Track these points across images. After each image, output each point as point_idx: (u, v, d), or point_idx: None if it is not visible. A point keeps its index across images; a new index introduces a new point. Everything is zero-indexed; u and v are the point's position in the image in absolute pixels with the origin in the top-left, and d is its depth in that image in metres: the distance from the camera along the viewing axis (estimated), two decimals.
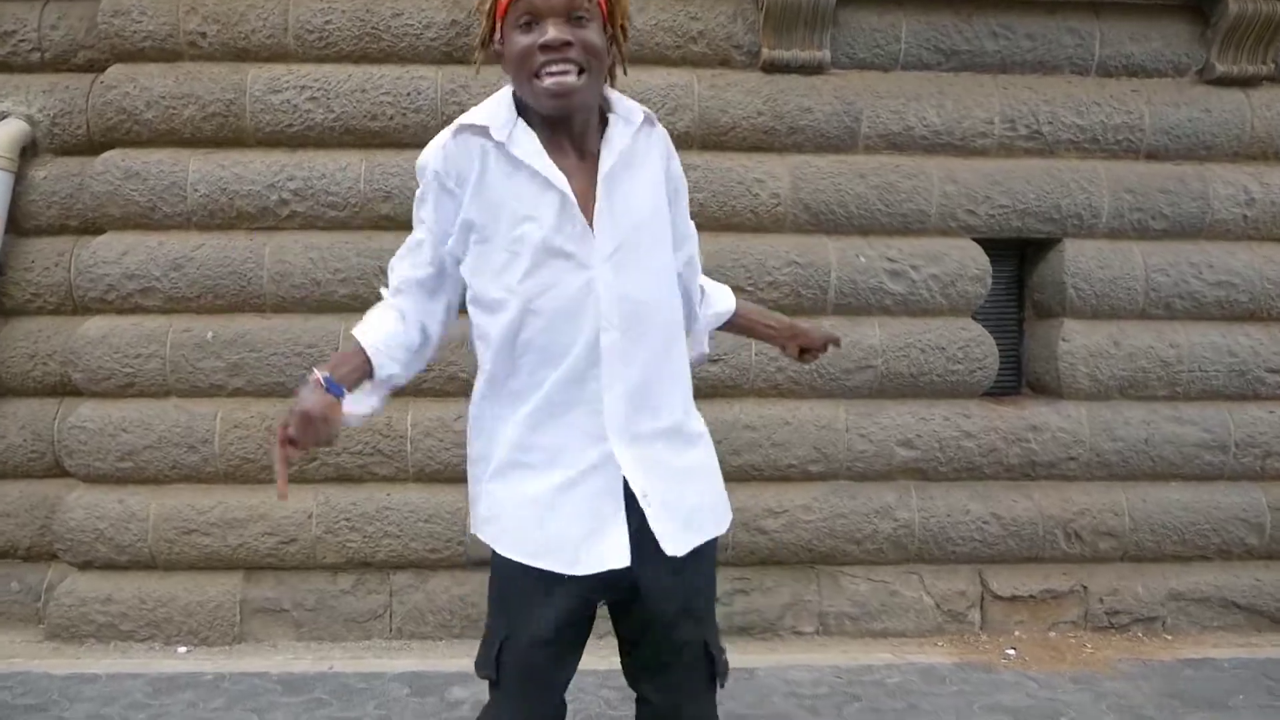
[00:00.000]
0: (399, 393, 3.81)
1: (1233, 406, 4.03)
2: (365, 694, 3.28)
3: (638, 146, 1.67)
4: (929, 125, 3.94)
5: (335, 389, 1.55)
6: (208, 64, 3.87)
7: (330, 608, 3.83)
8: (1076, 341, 3.97)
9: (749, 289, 3.84)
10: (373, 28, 3.85)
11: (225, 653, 3.72)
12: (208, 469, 3.81)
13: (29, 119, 4.03)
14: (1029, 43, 3.99)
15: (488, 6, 1.60)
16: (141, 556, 3.79)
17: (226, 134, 3.85)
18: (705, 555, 1.72)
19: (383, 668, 3.55)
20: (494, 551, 1.70)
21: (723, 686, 1.78)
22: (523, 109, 1.63)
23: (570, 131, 1.63)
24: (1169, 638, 3.95)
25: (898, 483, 3.94)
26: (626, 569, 1.59)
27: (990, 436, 3.93)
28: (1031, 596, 3.93)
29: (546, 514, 1.61)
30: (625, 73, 1.70)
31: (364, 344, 1.66)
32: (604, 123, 1.67)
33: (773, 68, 3.91)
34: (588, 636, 1.74)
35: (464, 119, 1.64)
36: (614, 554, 1.59)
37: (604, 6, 1.59)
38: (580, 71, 1.54)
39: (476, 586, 3.83)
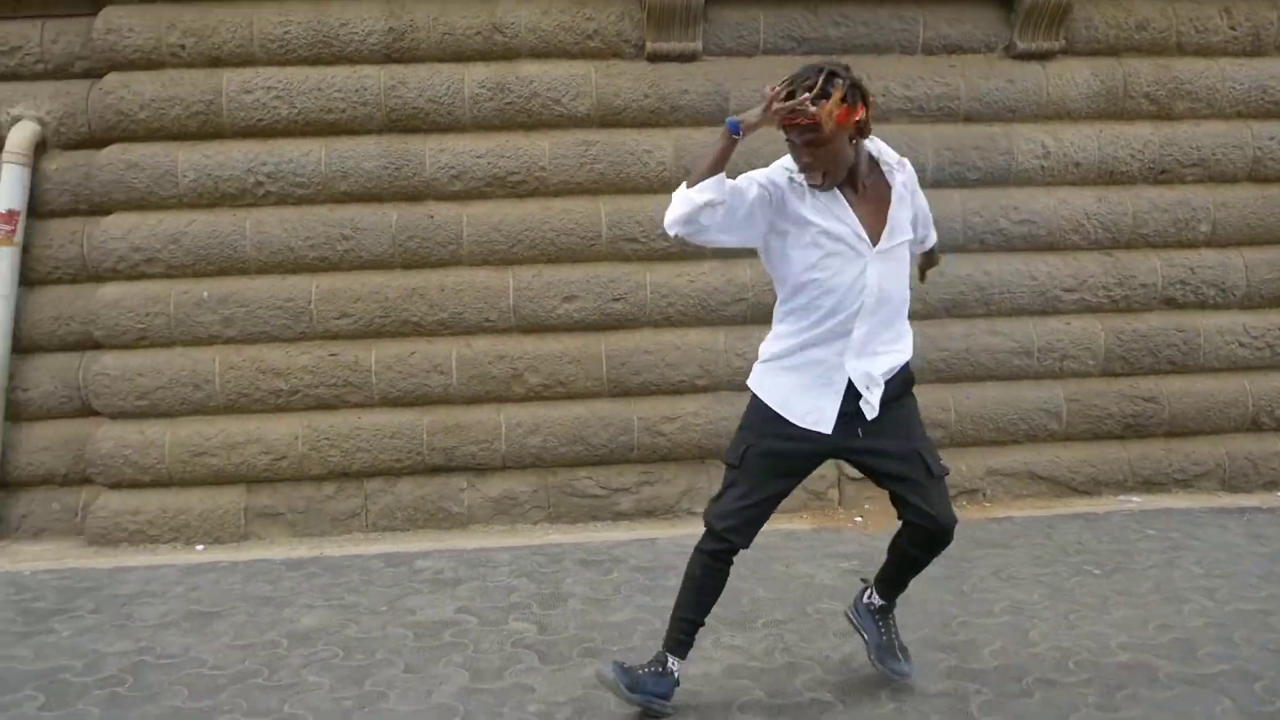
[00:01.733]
0: (362, 335, 4.69)
1: (1035, 320, 5.03)
2: (349, 567, 4.23)
3: (895, 190, 2.57)
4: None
5: (734, 128, 2.39)
6: (188, 70, 4.68)
7: (317, 510, 4.75)
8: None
9: (643, 240, 4.76)
10: (324, 36, 4.68)
11: (235, 548, 4.64)
12: (211, 403, 4.71)
13: (39, 120, 4.82)
14: (864, 29, 4.89)
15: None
16: (161, 476, 4.68)
17: (208, 129, 4.68)
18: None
19: (362, 551, 4.49)
20: (755, 398, 2.69)
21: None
22: None
23: (851, 177, 2.52)
24: (988, 504, 4.98)
25: None
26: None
27: None
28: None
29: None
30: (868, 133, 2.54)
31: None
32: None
33: (655, 57, 4.78)
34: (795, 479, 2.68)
35: (782, 165, 2.55)
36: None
37: (839, 120, 2.35)
38: (822, 174, 2.44)
39: (437, 488, 4.78)
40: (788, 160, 2.54)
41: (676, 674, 2.70)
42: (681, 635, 2.72)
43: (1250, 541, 4.31)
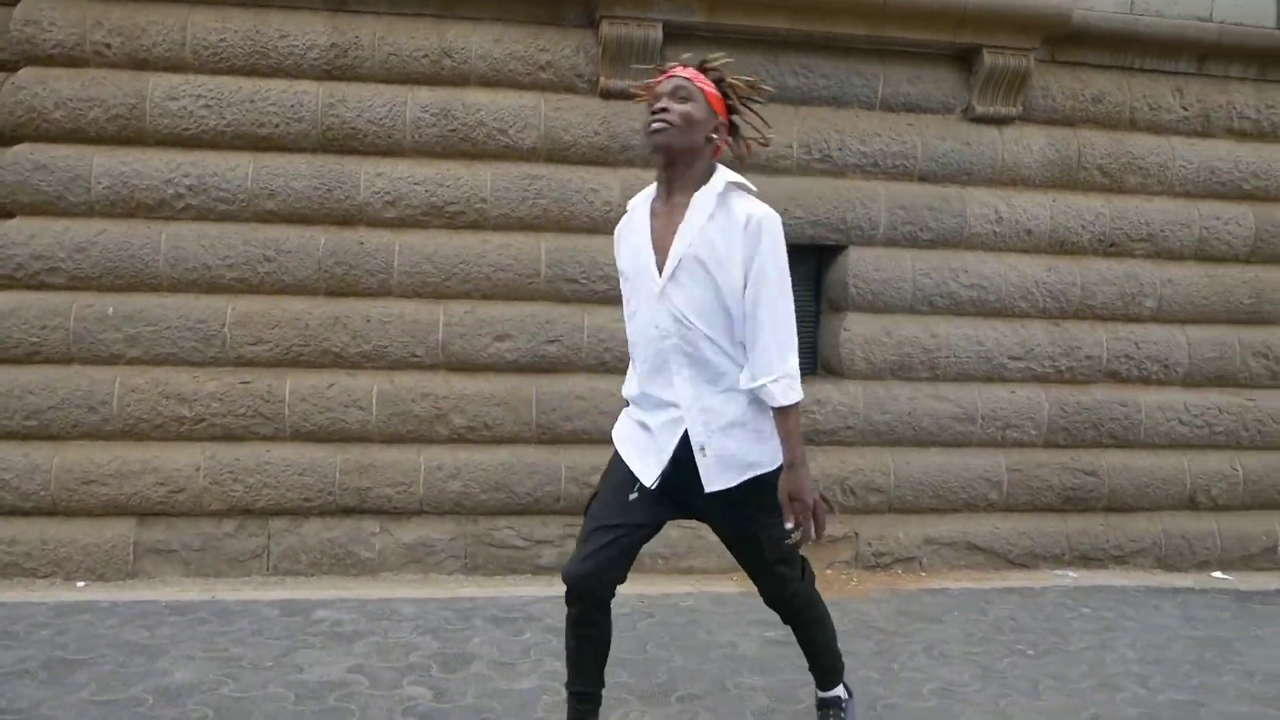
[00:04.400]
0: (278, 363, 4.40)
1: (980, 387, 4.93)
2: (241, 614, 3.90)
3: (719, 224, 2.26)
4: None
5: None
6: (112, 71, 4.39)
7: (215, 549, 4.41)
8: (855, 331, 4.81)
9: (583, 281, 4.57)
10: (261, 46, 4.43)
11: (120, 586, 4.27)
12: (106, 427, 4.35)
13: None
14: (824, 81, 4.80)
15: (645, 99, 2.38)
16: (44, 504, 4.30)
17: (128, 134, 4.39)
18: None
19: (259, 596, 4.16)
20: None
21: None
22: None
23: (670, 180, 2.32)
24: (924, 574, 4.83)
25: None
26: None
27: None
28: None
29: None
30: (749, 152, 2.46)
31: None
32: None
33: (609, 94, 4.63)
34: (644, 533, 2.42)
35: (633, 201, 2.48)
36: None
37: (710, 95, 2.31)
38: (670, 124, 2.24)
39: (347, 530, 4.48)
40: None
41: None
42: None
43: (1183, 624, 4.21)
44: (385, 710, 2.98)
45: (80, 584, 4.28)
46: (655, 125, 2.26)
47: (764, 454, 2.37)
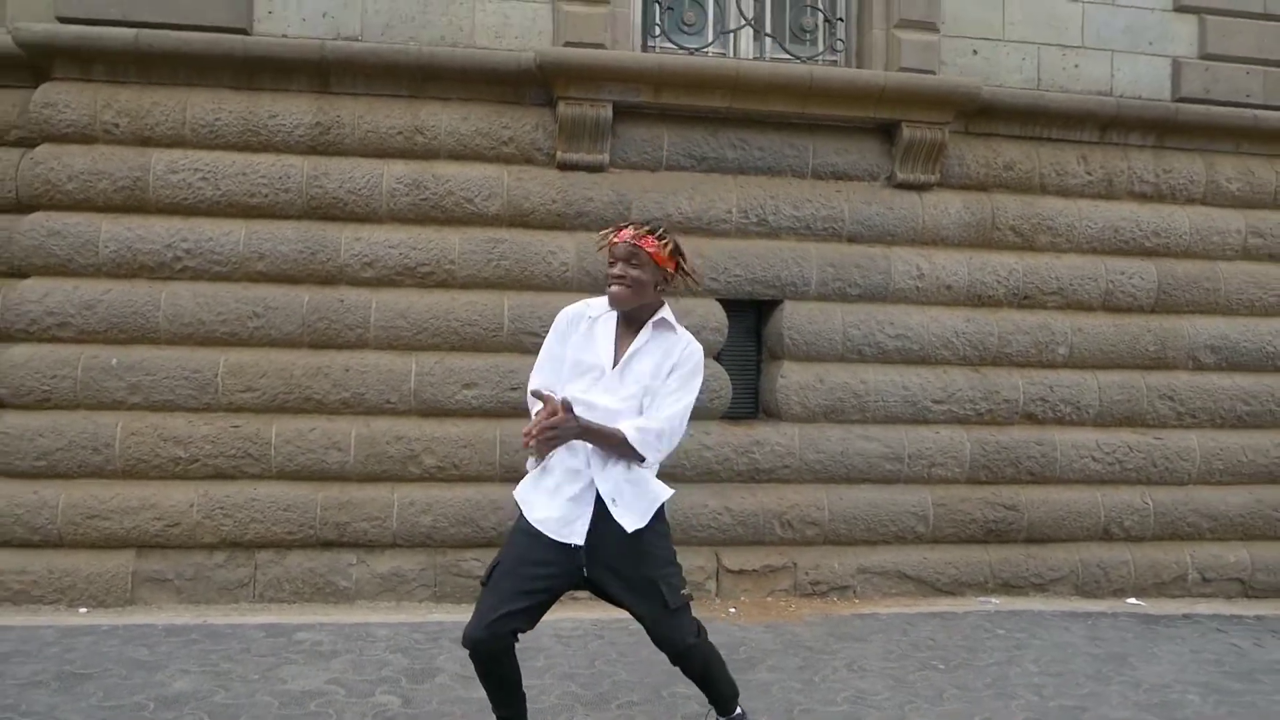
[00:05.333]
0: (265, 409, 4.83)
1: (907, 428, 5.39)
2: (230, 636, 4.32)
3: (656, 343, 2.79)
4: (683, 212, 5.22)
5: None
6: (119, 148, 4.91)
7: (206, 578, 4.84)
8: (791, 378, 5.29)
9: (542, 334, 5.02)
10: (253, 125, 4.96)
11: (119, 612, 4.70)
12: (109, 467, 4.81)
13: None
14: (760, 153, 5.33)
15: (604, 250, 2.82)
16: (51, 536, 4.74)
17: (133, 203, 4.90)
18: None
19: (246, 620, 4.59)
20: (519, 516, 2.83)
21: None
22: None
23: (629, 319, 2.81)
24: (857, 601, 5.25)
25: None
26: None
27: (725, 449, 5.19)
28: (755, 570, 5.19)
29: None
30: (698, 286, 3.15)
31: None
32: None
33: (565, 166, 5.15)
34: (545, 599, 2.75)
35: (586, 302, 2.91)
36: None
37: (657, 257, 2.75)
38: (627, 288, 2.73)
39: (326, 562, 4.91)
40: (593, 300, 2.90)
41: None
42: None
43: (1087, 643, 4.63)
44: (359, 714, 3.41)
45: (82, 610, 4.70)
46: (614, 289, 2.75)
47: (654, 493, 2.87)
